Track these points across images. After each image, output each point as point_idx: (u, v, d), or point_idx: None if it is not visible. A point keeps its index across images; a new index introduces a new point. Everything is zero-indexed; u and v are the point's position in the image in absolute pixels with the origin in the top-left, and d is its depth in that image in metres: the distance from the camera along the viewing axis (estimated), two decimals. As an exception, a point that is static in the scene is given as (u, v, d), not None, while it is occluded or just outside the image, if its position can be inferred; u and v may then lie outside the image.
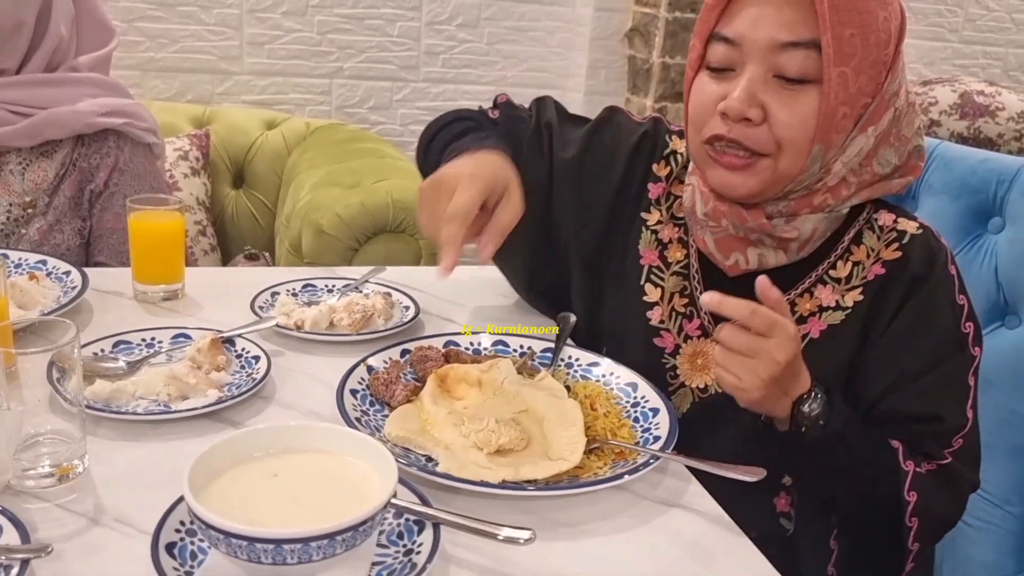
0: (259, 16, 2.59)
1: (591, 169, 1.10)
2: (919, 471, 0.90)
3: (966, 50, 3.32)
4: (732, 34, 0.90)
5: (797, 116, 0.88)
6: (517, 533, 0.67)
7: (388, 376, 0.90)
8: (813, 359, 0.92)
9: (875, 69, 0.89)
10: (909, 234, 0.97)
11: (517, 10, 2.85)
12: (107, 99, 1.45)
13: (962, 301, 0.95)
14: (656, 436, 0.86)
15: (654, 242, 1.07)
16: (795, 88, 0.88)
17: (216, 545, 0.60)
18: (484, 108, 1.21)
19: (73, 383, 0.75)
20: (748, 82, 0.89)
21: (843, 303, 0.96)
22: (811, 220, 0.94)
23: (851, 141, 0.91)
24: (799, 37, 0.87)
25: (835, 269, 0.97)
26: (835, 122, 0.88)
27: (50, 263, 1.16)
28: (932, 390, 0.93)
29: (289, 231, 2.07)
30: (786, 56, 0.88)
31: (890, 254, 0.96)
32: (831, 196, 0.94)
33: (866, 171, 0.94)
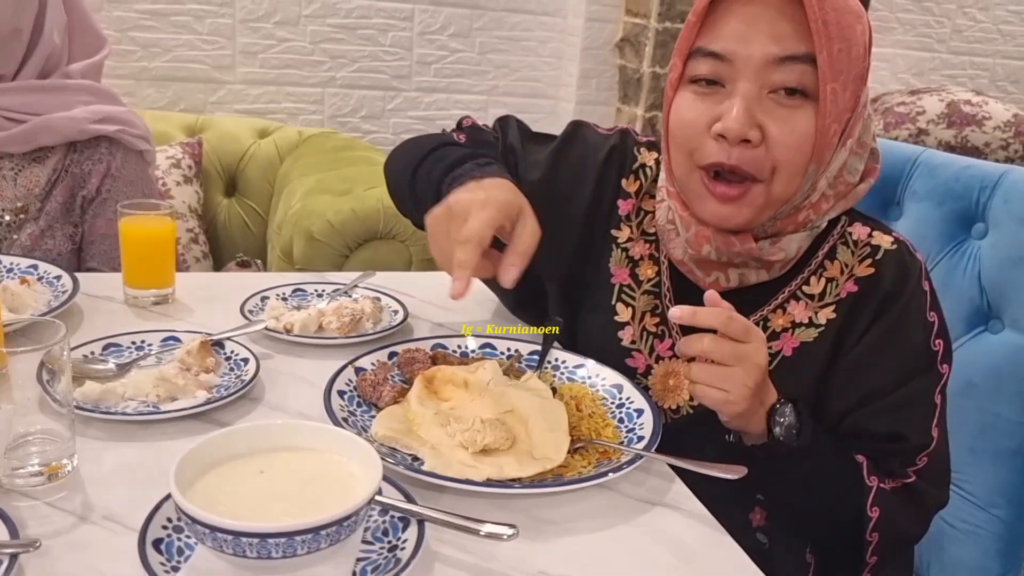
0: (252, 26, 2.61)
1: (560, 189, 1.08)
2: (883, 487, 0.90)
3: (954, 60, 3.36)
4: (721, 49, 0.87)
5: (796, 136, 0.86)
6: (500, 529, 0.68)
7: (376, 377, 0.91)
8: (785, 377, 0.92)
9: (856, 83, 0.88)
10: (883, 249, 0.95)
11: (509, 20, 2.87)
12: (100, 106, 1.47)
13: (933, 318, 0.94)
14: (640, 436, 0.87)
15: (625, 260, 1.05)
16: (792, 105, 0.86)
17: (202, 540, 0.61)
18: (448, 131, 1.19)
19: (62, 384, 0.75)
20: (744, 100, 0.86)
21: (816, 320, 0.95)
22: (796, 239, 0.93)
23: (835, 156, 0.90)
24: (795, 51, 0.85)
25: (808, 285, 0.96)
26: (828, 140, 0.87)
27: (41, 267, 1.16)
28: (897, 408, 0.92)
29: (281, 238, 2.08)
30: (782, 71, 0.85)
31: (863, 270, 0.95)
32: (813, 212, 0.93)
33: (840, 182, 0.94)
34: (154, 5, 2.50)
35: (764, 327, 0.96)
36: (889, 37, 3.25)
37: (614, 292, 1.05)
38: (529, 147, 1.12)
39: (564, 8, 2.92)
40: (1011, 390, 1.19)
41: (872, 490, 0.89)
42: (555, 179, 1.08)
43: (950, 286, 1.27)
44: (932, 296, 0.95)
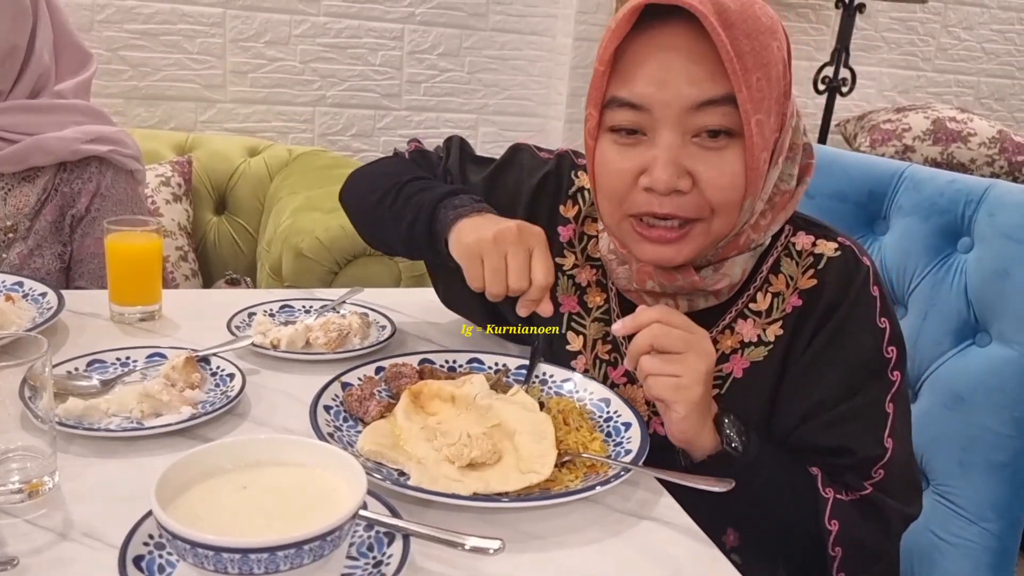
0: (242, 45, 2.62)
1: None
2: (840, 499, 0.86)
3: (939, 78, 3.40)
4: (636, 98, 0.84)
5: (727, 176, 0.84)
6: (486, 543, 0.67)
7: (362, 392, 0.91)
8: (737, 399, 0.92)
9: (779, 104, 0.86)
10: (826, 258, 0.92)
11: (498, 40, 2.89)
12: (92, 126, 1.46)
13: (884, 324, 0.90)
14: (628, 450, 0.86)
15: (572, 287, 1.04)
16: (718, 147, 0.84)
17: (183, 556, 0.60)
18: (401, 152, 1.19)
19: (44, 400, 0.75)
20: (668, 151, 0.83)
21: (765, 337, 0.93)
22: (739, 262, 0.91)
23: (767, 178, 0.88)
24: (714, 94, 0.82)
25: (755, 302, 0.94)
26: (759, 171, 0.85)
27: (26, 284, 1.16)
28: (842, 422, 0.89)
29: (270, 255, 2.07)
30: (702, 115, 0.82)
31: (806, 282, 0.92)
32: (752, 231, 0.90)
33: (775, 194, 0.91)
34: (145, 25, 2.50)
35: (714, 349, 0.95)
36: (875, 55, 3.28)
37: (564, 321, 1.04)
38: (468, 169, 1.12)
39: (553, 28, 2.94)
40: (999, 403, 1.19)
41: (828, 502, 0.85)
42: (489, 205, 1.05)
43: (936, 300, 1.27)
44: (883, 301, 0.91)
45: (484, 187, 1.08)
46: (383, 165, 1.17)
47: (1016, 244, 1.19)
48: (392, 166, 1.15)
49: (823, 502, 0.86)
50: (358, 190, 1.16)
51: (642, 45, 0.84)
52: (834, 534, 0.85)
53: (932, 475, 1.26)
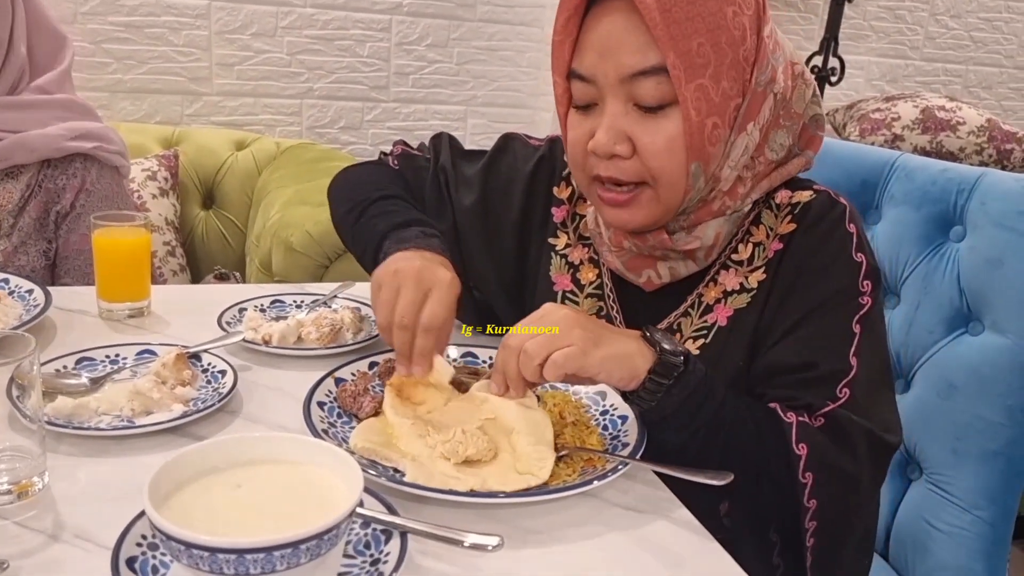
0: (228, 37, 2.59)
1: (492, 205, 1.10)
2: (803, 421, 0.85)
3: (927, 67, 3.40)
4: (584, 70, 0.89)
5: (662, 142, 0.86)
6: (484, 540, 0.67)
7: (356, 388, 0.90)
8: (723, 347, 0.93)
9: (736, 69, 0.86)
10: (801, 203, 0.94)
11: (486, 31, 2.87)
12: (76, 123, 1.44)
13: (860, 258, 0.91)
14: (625, 443, 0.86)
15: (565, 266, 1.06)
16: (656, 115, 0.86)
17: (178, 557, 0.59)
18: (385, 156, 1.20)
19: (32, 399, 0.73)
20: (610, 117, 0.87)
21: (747, 284, 0.94)
22: (712, 226, 0.93)
23: (732, 145, 0.89)
24: (645, 64, 0.84)
25: (736, 252, 0.96)
26: (705, 136, 0.86)
27: (12, 281, 1.14)
28: (809, 339, 0.89)
29: (259, 250, 2.06)
30: (639, 85, 0.85)
31: (785, 227, 0.94)
32: (729, 198, 0.92)
33: (759, 162, 0.93)
34: (129, 17, 2.47)
35: (699, 303, 0.97)
36: (863, 44, 3.28)
37: (558, 299, 1.05)
38: (461, 165, 1.13)
39: (541, 19, 2.92)
40: (992, 392, 1.19)
41: (793, 426, 0.84)
42: (486, 196, 1.10)
43: (929, 289, 1.27)
44: (859, 238, 0.93)
45: (480, 178, 1.11)
46: (361, 174, 1.17)
47: (1008, 232, 1.19)
48: (369, 176, 1.15)
49: (788, 427, 0.84)
50: (335, 198, 1.17)
51: (592, 17, 0.88)
52: (803, 459, 0.83)
53: (925, 464, 1.27)
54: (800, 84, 0.94)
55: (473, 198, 1.10)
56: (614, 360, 0.81)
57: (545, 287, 1.07)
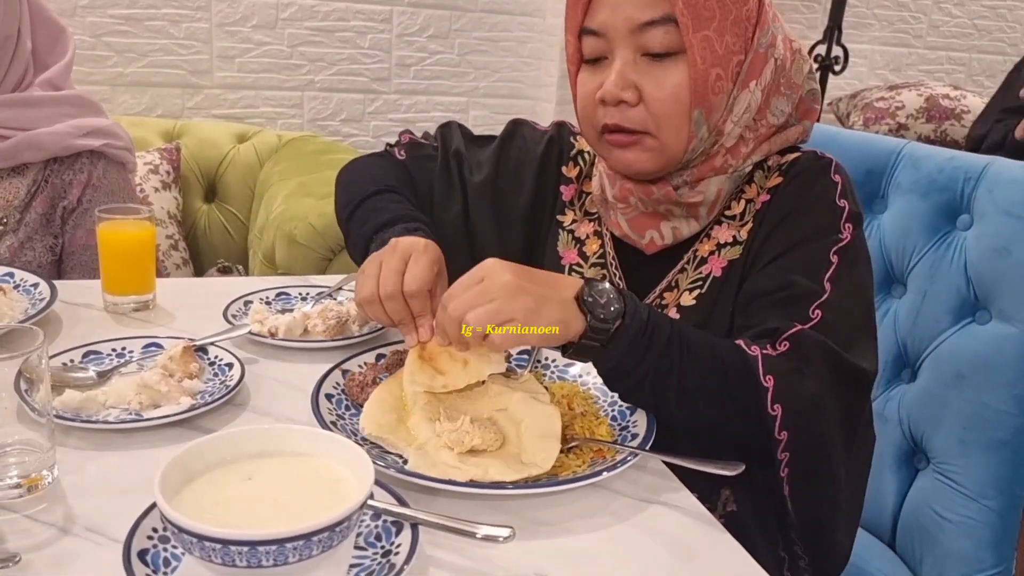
0: (229, 30, 2.58)
1: (504, 186, 1.14)
2: (768, 353, 0.84)
3: (931, 56, 3.39)
4: (596, 25, 0.94)
5: (668, 89, 0.92)
6: (497, 531, 0.66)
7: (364, 379, 0.90)
8: (718, 296, 0.96)
9: (739, 27, 0.92)
10: (788, 161, 1.00)
11: (488, 21, 2.86)
12: (84, 120, 1.44)
13: (843, 204, 0.95)
14: (634, 434, 0.86)
15: (572, 241, 1.11)
16: (663, 63, 0.92)
17: (190, 550, 0.59)
18: (392, 147, 1.21)
19: (41, 393, 0.73)
20: (619, 65, 0.93)
21: (739, 237, 0.99)
22: (715, 182, 0.98)
23: (735, 100, 0.94)
24: (655, 15, 0.91)
25: (729, 209, 1.01)
26: (709, 84, 0.92)
27: (17, 275, 1.14)
28: (787, 265, 0.92)
29: (263, 243, 2.05)
30: (648, 35, 0.92)
31: (773, 181, 0.99)
32: (731, 156, 0.97)
33: (761, 124, 0.98)
34: (129, 10, 2.46)
35: (694, 257, 1.01)
36: (867, 33, 3.27)
37: (565, 271, 1.09)
38: (472, 149, 1.18)
39: (543, 8, 2.91)
40: (1000, 380, 1.19)
41: (758, 359, 0.83)
42: (498, 176, 1.14)
43: (936, 278, 1.27)
44: (844, 187, 0.96)
45: (491, 159, 1.15)
46: (359, 169, 1.19)
47: (1016, 221, 1.19)
48: (366, 170, 1.17)
49: (753, 360, 0.83)
50: (336, 195, 1.19)
51: None
52: (771, 390, 0.82)
53: (933, 453, 1.26)
54: (798, 59, 1.00)
55: (484, 176, 1.14)
56: (551, 338, 0.80)
57: (553, 262, 1.10)
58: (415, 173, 1.17)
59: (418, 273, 0.88)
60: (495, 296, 0.78)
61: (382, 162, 1.19)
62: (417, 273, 0.88)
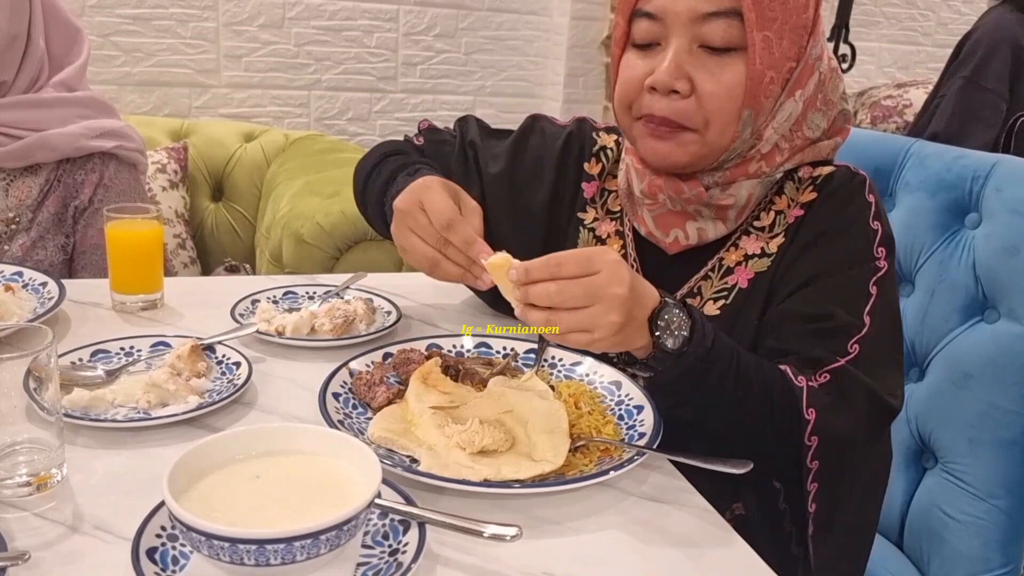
0: (236, 29, 2.59)
1: (521, 179, 1.11)
2: (812, 386, 0.84)
3: (939, 53, 3.37)
4: (654, 9, 0.91)
5: (724, 85, 0.90)
6: (504, 530, 0.66)
7: (371, 378, 0.90)
8: (743, 308, 0.95)
9: (796, 33, 0.91)
10: (823, 176, 0.98)
11: (494, 20, 2.86)
12: (97, 121, 1.44)
13: (876, 226, 0.95)
14: (641, 433, 0.85)
15: (592, 240, 1.09)
16: (720, 57, 0.90)
17: (198, 548, 0.59)
18: (410, 136, 1.21)
19: (50, 392, 0.73)
20: (674, 54, 0.90)
21: (768, 249, 0.97)
22: (746, 186, 0.96)
23: (780, 107, 0.93)
24: (720, 6, 0.88)
25: (758, 219, 0.99)
26: (763, 86, 0.90)
27: (26, 274, 1.14)
28: (826, 292, 0.91)
29: (269, 242, 2.06)
30: (709, 26, 0.89)
31: (807, 196, 0.98)
32: (765, 163, 0.96)
33: (797, 136, 0.96)
34: (137, 10, 2.47)
35: (720, 265, 0.99)
36: (875, 31, 3.25)
37: None
38: (489, 142, 1.15)
39: (549, 7, 2.91)
40: (1008, 380, 1.19)
41: (804, 391, 0.83)
42: (515, 170, 1.11)
43: (944, 277, 1.26)
44: (877, 207, 0.96)
45: (508, 152, 1.13)
46: (375, 150, 1.19)
47: (1024, 219, 1.18)
48: (382, 149, 1.18)
49: (799, 391, 0.83)
50: (355, 177, 1.20)
51: None
52: (812, 423, 0.83)
53: (940, 453, 1.26)
54: (835, 76, 0.98)
55: (500, 168, 1.12)
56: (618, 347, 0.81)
57: None
58: (432, 156, 1.16)
59: (438, 206, 0.89)
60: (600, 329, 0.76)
61: (395, 144, 1.19)
62: (437, 206, 0.89)
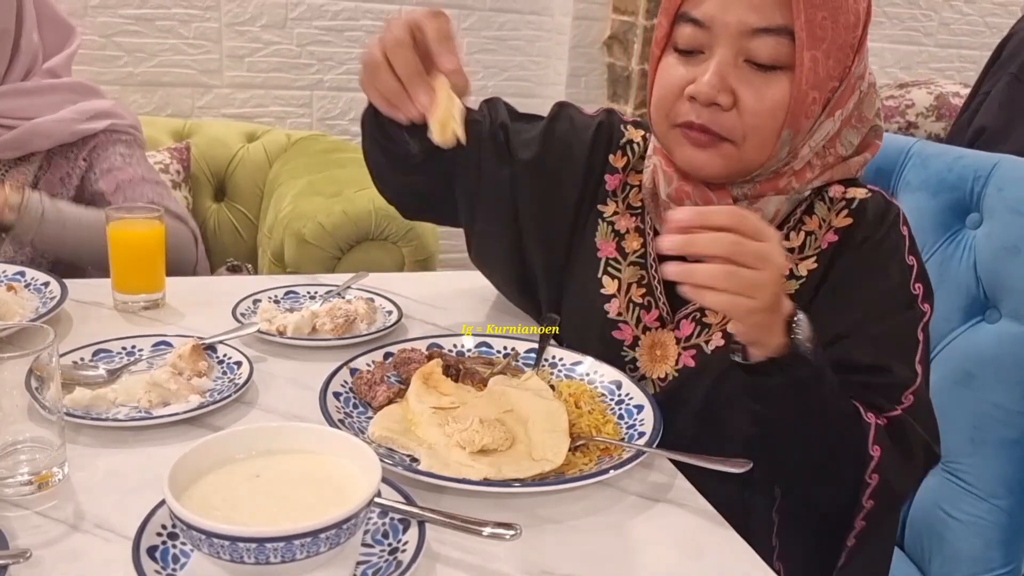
0: (238, 29, 2.59)
1: (551, 166, 1.09)
2: (879, 423, 0.86)
3: (941, 53, 3.37)
4: (701, 16, 0.89)
5: (767, 103, 0.88)
6: (502, 529, 0.67)
7: (372, 377, 0.90)
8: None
9: (843, 52, 0.88)
10: (858, 199, 0.96)
11: (496, 20, 2.86)
12: (86, 103, 1.46)
13: (912, 262, 0.94)
14: (641, 432, 0.86)
15: (611, 233, 1.06)
16: (766, 74, 0.88)
17: (198, 546, 0.59)
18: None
19: (51, 391, 0.74)
20: (718, 66, 0.88)
21: (797, 272, 0.95)
22: (774, 202, 0.94)
23: (819, 126, 0.91)
24: (771, 23, 0.86)
25: (788, 240, 0.97)
26: (805, 107, 0.88)
27: (28, 274, 1.15)
28: (879, 340, 0.90)
29: (272, 241, 2.06)
30: (757, 41, 0.87)
31: (841, 221, 0.95)
32: (796, 179, 0.94)
33: (830, 153, 0.94)
34: (139, 10, 2.48)
35: None
36: (877, 31, 3.25)
37: (600, 266, 1.05)
38: (519, 125, 1.13)
39: (551, 7, 2.91)
40: (1010, 380, 1.19)
41: (872, 427, 0.84)
42: (546, 157, 1.09)
43: (946, 277, 1.26)
44: (911, 241, 0.95)
45: (539, 140, 1.10)
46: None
47: (1026, 219, 1.18)
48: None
49: (867, 427, 0.84)
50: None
51: None
52: (876, 460, 0.84)
53: (942, 452, 1.25)
54: (872, 92, 0.96)
55: (531, 154, 1.09)
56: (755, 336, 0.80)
57: (588, 252, 1.06)
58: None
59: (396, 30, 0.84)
60: (761, 297, 0.74)
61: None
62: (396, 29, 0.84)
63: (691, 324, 0.98)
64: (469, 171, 1.08)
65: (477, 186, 1.08)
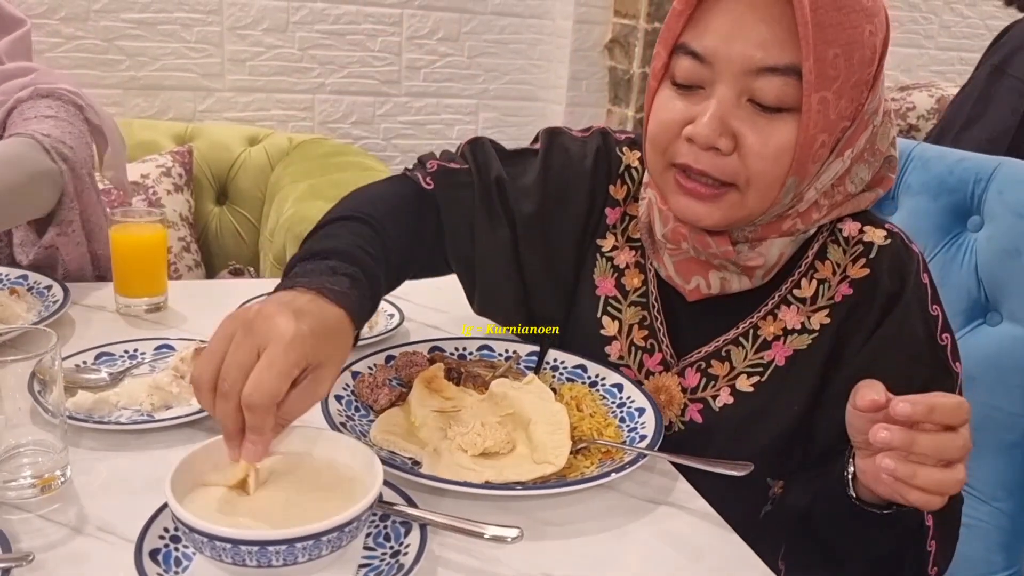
0: (240, 33, 2.60)
1: (553, 211, 0.99)
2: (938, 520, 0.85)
3: (942, 56, 3.38)
4: (701, 49, 0.81)
5: (771, 148, 0.80)
6: (504, 532, 0.67)
7: (374, 380, 0.90)
8: (779, 388, 0.89)
9: (857, 90, 0.80)
10: (876, 246, 0.90)
11: (497, 23, 2.87)
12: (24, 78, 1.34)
13: (935, 312, 0.89)
14: (643, 435, 0.86)
15: (610, 269, 0.99)
16: (770, 116, 0.80)
17: (200, 549, 0.59)
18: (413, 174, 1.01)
19: (54, 394, 0.74)
20: (718, 106, 0.80)
21: (809, 325, 0.90)
22: (777, 245, 0.88)
23: (827, 167, 0.84)
24: (777, 62, 0.77)
25: (799, 288, 0.91)
26: (812, 152, 0.80)
27: (31, 278, 1.15)
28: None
29: (274, 245, 2.07)
30: (762, 81, 0.78)
31: (857, 272, 0.89)
32: (801, 221, 0.87)
33: (838, 191, 0.88)
34: (141, 14, 2.48)
35: (755, 336, 0.91)
36: (877, 34, 3.26)
37: (599, 305, 0.99)
38: (512, 170, 1.00)
39: (552, 10, 2.91)
40: (1011, 382, 1.19)
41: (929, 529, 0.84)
42: (546, 203, 0.99)
43: (947, 279, 1.26)
44: (932, 289, 0.90)
45: (538, 185, 0.99)
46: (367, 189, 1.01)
47: (1027, 222, 1.18)
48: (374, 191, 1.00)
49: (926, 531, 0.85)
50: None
51: None
52: (932, 554, 0.85)
53: (943, 455, 1.26)
54: (887, 121, 0.89)
55: (534, 207, 0.98)
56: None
57: (587, 290, 1.00)
58: (446, 206, 0.98)
59: (265, 380, 0.62)
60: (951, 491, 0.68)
61: (394, 187, 1.00)
62: (264, 380, 0.62)
63: (696, 374, 0.94)
64: (461, 243, 0.98)
65: (473, 254, 0.99)
